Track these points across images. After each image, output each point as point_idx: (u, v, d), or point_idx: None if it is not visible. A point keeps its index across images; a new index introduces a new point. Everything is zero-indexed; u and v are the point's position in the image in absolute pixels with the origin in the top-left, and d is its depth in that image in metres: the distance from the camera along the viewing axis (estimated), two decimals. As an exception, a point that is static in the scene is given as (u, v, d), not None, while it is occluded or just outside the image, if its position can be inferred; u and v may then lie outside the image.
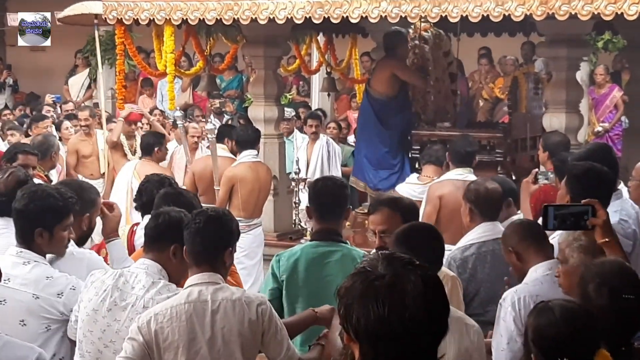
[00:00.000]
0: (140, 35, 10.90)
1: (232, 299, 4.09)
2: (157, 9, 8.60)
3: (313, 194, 5.55)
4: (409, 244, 4.21)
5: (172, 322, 4.01)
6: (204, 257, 4.17)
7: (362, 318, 2.31)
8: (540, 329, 3.62)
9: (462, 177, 7.63)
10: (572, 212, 4.26)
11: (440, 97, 10.08)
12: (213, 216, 4.28)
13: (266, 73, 9.73)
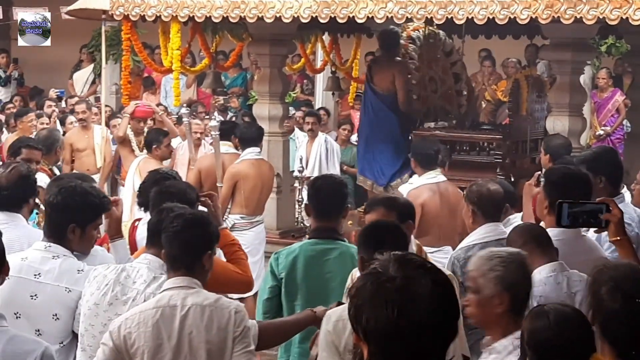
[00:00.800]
0: (146, 31, 10.92)
1: (203, 304, 4.01)
2: (164, 6, 8.64)
3: (312, 192, 5.57)
4: (373, 240, 4.24)
5: (139, 327, 3.96)
6: (181, 261, 4.10)
7: (372, 319, 2.32)
8: (535, 332, 3.64)
9: (435, 180, 7.78)
10: (585, 210, 4.30)
11: (435, 98, 10.04)
12: (191, 219, 4.21)
13: (271, 71, 9.77)
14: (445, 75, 9.97)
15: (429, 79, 9.95)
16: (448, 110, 10.07)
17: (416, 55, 9.89)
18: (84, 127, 11.28)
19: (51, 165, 8.50)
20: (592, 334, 3.51)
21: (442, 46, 10.03)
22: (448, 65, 9.99)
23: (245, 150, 8.87)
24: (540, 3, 7.17)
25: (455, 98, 9.89)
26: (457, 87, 9.87)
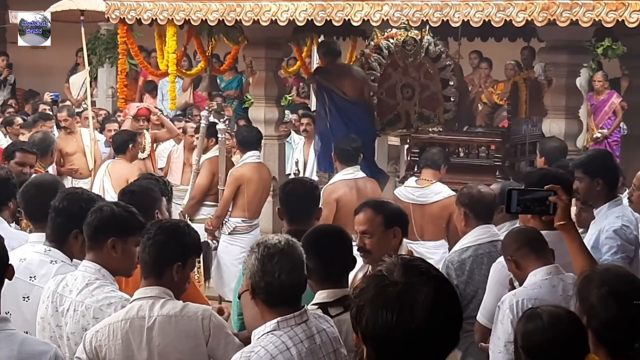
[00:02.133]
0: (141, 34, 10.93)
1: (169, 314, 3.96)
2: (160, 9, 8.63)
3: (283, 196, 5.57)
4: (316, 246, 4.21)
5: (109, 339, 3.92)
6: (151, 270, 4.06)
7: (371, 322, 2.32)
8: (528, 335, 3.65)
9: (352, 176, 8.01)
10: (535, 197, 4.39)
11: (408, 104, 10.02)
12: (167, 228, 4.15)
13: (267, 74, 9.77)
14: (430, 81, 9.94)
15: (401, 86, 9.94)
16: (428, 116, 10.02)
17: (378, 65, 9.91)
18: (69, 133, 11.23)
19: (47, 167, 8.49)
20: (586, 334, 3.50)
21: (425, 52, 9.94)
22: (435, 71, 9.95)
23: (246, 154, 8.83)
24: (536, 6, 7.17)
25: (442, 103, 9.86)
26: (445, 92, 9.84)
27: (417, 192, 8.00)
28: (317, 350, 3.72)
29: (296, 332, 3.67)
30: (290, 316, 3.68)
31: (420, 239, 8.00)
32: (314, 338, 3.72)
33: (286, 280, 3.69)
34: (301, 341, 3.66)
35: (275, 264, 3.70)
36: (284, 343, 3.63)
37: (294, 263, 3.74)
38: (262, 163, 9.02)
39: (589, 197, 5.66)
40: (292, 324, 3.68)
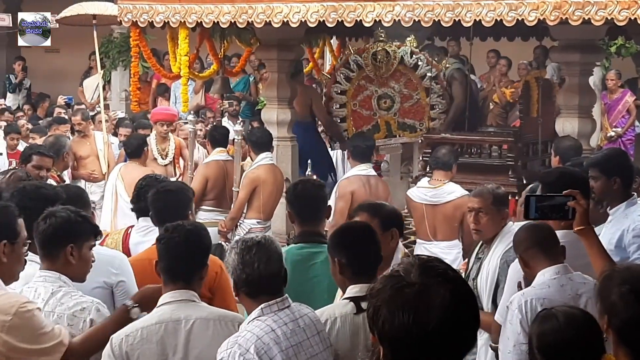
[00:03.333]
0: (154, 37, 10.95)
1: (207, 318, 4.01)
2: (172, 12, 8.65)
3: (293, 198, 5.57)
4: (346, 242, 4.30)
5: (143, 344, 3.91)
6: (181, 274, 4.07)
7: (387, 323, 2.31)
8: (544, 335, 3.63)
9: (366, 173, 8.17)
10: (553, 204, 4.38)
11: (387, 115, 10.02)
12: (191, 231, 4.20)
13: (279, 76, 9.78)
14: (413, 91, 9.95)
15: (378, 97, 9.98)
16: (413, 125, 10.03)
17: (345, 79, 10.02)
18: (82, 136, 11.26)
19: (59, 171, 8.51)
20: (601, 335, 3.49)
21: (399, 62, 9.93)
22: (418, 80, 9.96)
23: (260, 156, 8.82)
24: (548, 5, 7.16)
25: (427, 112, 9.86)
26: (429, 100, 9.84)
27: (429, 192, 8.00)
28: (301, 332, 3.88)
29: (280, 317, 3.86)
30: (272, 302, 3.87)
31: (434, 239, 8.00)
32: (297, 322, 3.90)
33: (265, 270, 3.89)
34: (285, 324, 3.85)
35: (254, 255, 3.89)
36: (269, 326, 3.81)
37: (271, 254, 3.94)
38: (275, 165, 9.03)
39: (606, 196, 5.64)
40: (276, 309, 3.87)
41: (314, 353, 3.91)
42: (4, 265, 3.92)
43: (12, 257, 3.96)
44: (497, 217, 5.71)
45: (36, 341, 3.81)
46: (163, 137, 10.35)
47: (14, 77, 18.46)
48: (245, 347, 3.71)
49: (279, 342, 3.77)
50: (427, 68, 9.78)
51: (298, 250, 5.32)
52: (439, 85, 9.82)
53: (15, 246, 3.98)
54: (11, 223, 4.00)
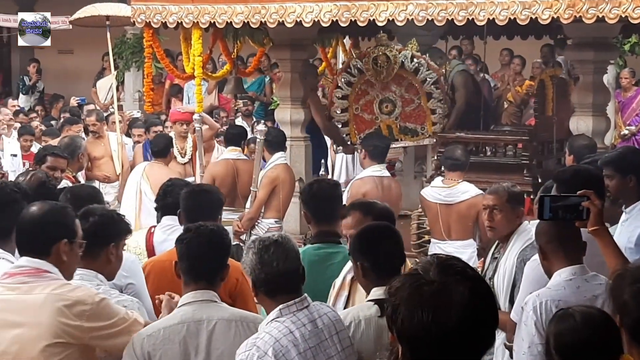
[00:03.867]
0: (167, 38, 10.97)
1: (229, 319, 4.02)
2: (185, 13, 8.65)
3: (309, 198, 5.58)
4: (365, 246, 4.27)
5: (165, 344, 3.92)
6: (203, 274, 4.09)
7: (406, 321, 2.31)
8: (562, 336, 3.61)
9: (380, 174, 8.20)
10: (567, 204, 4.36)
11: (389, 119, 10.02)
12: (212, 231, 4.22)
13: (292, 76, 9.78)
14: (414, 95, 9.94)
15: (380, 101, 9.99)
16: (414, 129, 10.02)
17: (347, 83, 10.01)
18: (97, 137, 11.29)
19: (74, 172, 8.52)
20: (619, 334, 3.48)
21: (400, 66, 9.92)
22: (418, 84, 9.94)
23: (275, 155, 8.82)
24: (562, 3, 7.13)
25: (429, 116, 9.84)
26: (430, 104, 9.82)
27: (443, 191, 7.99)
28: (319, 333, 3.86)
29: (298, 317, 3.84)
30: (291, 303, 3.86)
31: (448, 239, 7.99)
32: (315, 322, 3.88)
33: (283, 268, 3.89)
34: (304, 325, 3.83)
35: (272, 254, 3.89)
36: (287, 327, 3.79)
37: (288, 253, 3.94)
38: (288, 164, 9.03)
39: (621, 194, 5.60)
40: (294, 310, 3.85)
41: (333, 354, 3.91)
42: (64, 263, 4.02)
43: (71, 255, 4.05)
44: (511, 215, 5.69)
45: (115, 324, 3.94)
46: (182, 137, 10.39)
47: (28, 79, 18.53)
48: (264, 349, 3.70)
49: (297, 345, 3.76)
50: (427, 72, 9.77)
51: (315, 251, 5.32)
52: (439, 90, 9.80)
53: (74, 245, 4.06)
54: (70, 223, 4.08)
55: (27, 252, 3.97)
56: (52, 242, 3.96)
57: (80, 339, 3.85)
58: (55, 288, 3.85)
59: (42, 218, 4.02)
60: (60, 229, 4.01)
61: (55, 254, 3.95)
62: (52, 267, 3.93)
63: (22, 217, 4.08)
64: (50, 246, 3.95)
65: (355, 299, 4.87)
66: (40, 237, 3.96)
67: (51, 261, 3.94)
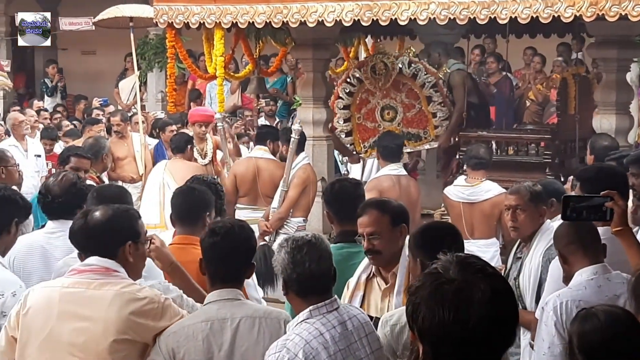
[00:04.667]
0: (190, 38, 11.01)
1: (253, 316, 4.02)
2: (207, 13, 8.68)
3: (331, 198, 5.57)
4: (430, 243, 4.18)
5: (188, 341, 3.93)
6: (227, 273, 4.10)
7: (427, 320, 2.32)
8: (585, 335, 3.59)
9: (396, 172, 8.16)
10: (591, 204, 4.34)
11: (391, 125, 10.02)
12: (237, 229, 4.22)
13: (315, 75, 9.79)
14: (414, 100, 9.93)
15: (381, 109, 9.99)
16: (417, 134, 10.01)
17: (347, 93, 10.07)
18: (120, 137, 11.35)
19: (99, 172, 8.56)
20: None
21: (398, 72, 9.93)
22: (417, 89, 9.94)
23: (301, 155, 8.81)
24: (585, 0, 7.11)
25: (430, 120, 9.83)
26: (430, 108, 9.81)
27: (467, 190, 7.99)
28: (349, 336, 3.85)
29: (328, 319, 3.82)
30: (321, 304, 3.85)
31: (471, 238, 7.97)
32: (345, 324, 3.87)
33: (316, 270, 3.87)
34: (334, 327, 3.81)
35: (305, 255, 3.87)
36: (317, 329, 3.77)
37: (322, 253, 3.91)
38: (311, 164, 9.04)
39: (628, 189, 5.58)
40: (324, 312, 3.84)
41: (362, 356, 3.90)
42: (130, 264, 4.10)
43: (137, 256, 4.14)
44: (534, 214, 5.68)
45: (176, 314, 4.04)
46: (201, 138, 10.41)
47: (50, 81, 18.62)
48: (294, 351, 3.69)
49: (327, 347, 3.75)
50: (425, 76, 9.78)
51: (338, 250, 5.30)
52: (438, 93, 9.80)
53: (139, 245, 4.16)
54: (134, 224, 4.18)
55: (94, 254, 4.08)
56: (118, 245, 4.07)
57: (144, 337, 3.95)
58: (124, 286, 3.96)
59: (107, 222, 4.12)
60: (125, 231, 4.12)
61: (122, 256, 4.07)
62: (120, 267, 4.04)
63: (87, 222, 4.16)
64: (117, 249, 4.06)
65: (370, 299, 4.87)
66: (107, 241, 4.07)
67: (118, 262, 4.05)
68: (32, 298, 4.06)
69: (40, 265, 5.36)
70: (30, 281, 5.03)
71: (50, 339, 3.96)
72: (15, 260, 5.39)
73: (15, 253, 5.41)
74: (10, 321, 4.09)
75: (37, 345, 3.97)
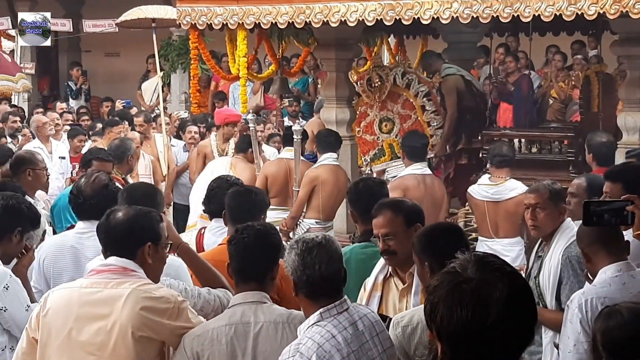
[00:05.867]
0: (213, 39, 11.04)
1: (276, 321, 4.03)
2: (230, 14, 8.70)
3: (355, 197, 5.58)
4: (436, 246, 4.19)
5: (213, 344, 3.96)
6: (252, 274, 4.12)
7: (446, 319, 2.34)
8: (609, 332, 3.60)
9: (421, 172, 8.13)
10: (611, 208, 4.33)
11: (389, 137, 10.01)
12: (262, 231, 4.25)
13: (338, 75, 9.79)
14: (410, 110, 9.92)
15: (379, 121, 10.01)
16: None
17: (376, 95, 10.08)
18: (144, 138, 11.41)
19: (124, 174, 8.61)
20: None
21: (392, 83, 9.92)
22: (413, 99, 9.92)
23: (323, 156, 8.85)
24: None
25: (426, 130, 9.81)
26: (425, 117, 9.80)
27: (491, 189, 7.98)
28: (360, 336, 3.84)
29: (339, 321, 3.82)
30: (331, 306, 3.84)
31: (495, 237, 7.98)
32: (356, 324, 3.86)
33: (326, 272, 3.85)
34: (345, 328, 3.80)
35: (315, 257, 3.86)
36: (329, 332, 3.76)
37: (332, 255, 3.90)
38: (339, 166, 9.01)
39: None
40: (335, 313, 3.83)
41: (375, 355, 3.89)
42: (149, 266, 4.15)
43: (156, 257, 4.19)
44: (554, 213, 5.67)
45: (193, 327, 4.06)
46: (227, 138, 10.48)
47: (74, 84, 18.71)
48: (307, 355, 3.69)
49: (340, 349, 3.74)
50: (418, 86, 9.78)
51: (362, 249, 5.33)
52: (431, 102, 9.80)
53: (159, 247, 4.20)
54: (154, 226, 4.22)
55: (114, 254, 4.13)
56: (138, 246, 4.12)
57: (161, 335, 4.00)
58: (140, 285, 4.00)
59: (128, 222, 4.17)
60: (145, 232, 4.17)
61: (141, 257, 4.11)
62: (139, 268, 4.09)
63: (109, 222, 4.22)
64: (136, 249, 4.11)
65: (388, 299, 4.87)
66: (127, 241, 4.12)
67: (137, 263, 4.10)
68: (52, 299, 4.11)
69: (70, 265, 5.42)
70: (61, 280, 5.09)
71: (69, 339, 4.00)
72: (46, 260, 5.47)
73: (46, 253, 5.50)
74: (31, 323, 4.14)
75: (56, 346, 4.02)
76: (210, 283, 4.66)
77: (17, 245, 5.16)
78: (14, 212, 5.20)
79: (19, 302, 4.91)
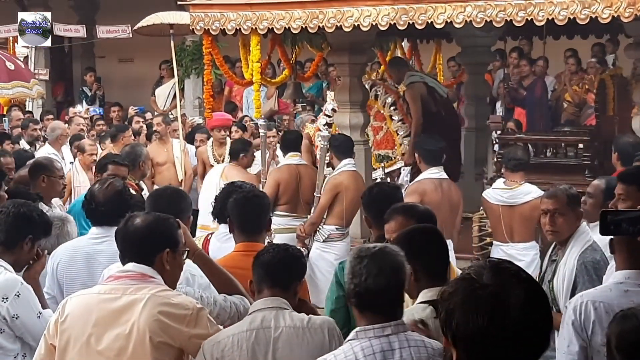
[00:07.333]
0: (226, 44, 11.06)
1: (296, 326, 4.02)
2: (244, 19, 8.70)
3: (370, 201, 5.56)
4: (418, 249, 4.14)
5: (234, 350, 3.96)
6: (279, 280, 4.14)
7: (462, 325, 2.33)
8: (624, 335, 3.57)
9: (438, 176, 8.10)
10: (629, 217, 4.28)
11: None
12: (289, 248, 4.33)
13: (351, 80, 9.77)
14: (381, 121, 10.00)
15: None
16: (388, 155, 10.02)
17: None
18: (161, 141, 11.44)
19: (137, 180, 8.61)
20: None
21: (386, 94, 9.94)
22: (382, 110, 9.93)
23: (343, 162, 8.80)
24: (622, 1, 7.04)
25: (396, 139, 9.82)
26: (393, 127, 9.82)
27: (506, 193, 7.96)
28: None
29: (371, 344, 3.55)
30: (369, 327, 3.58)
31: (510, 241, 7.95)
32: (392, 352, 3.55)
33: (372, 284, 3.60)
34: (373, 353, 3.53)
35: (364, 267, 3.62)
36: (354, 354, 3.53)
37: (382, 268, 3.64)
38: (357, 172, 8.99)
39: None
40: (370, 336, 3.56)
41: None
42: (167, 272, 4.15)
43: (174, 264, 4.19)
44: (572, 218, 5.65)
45: (210, 335, 4.06)
46: (221, 143, 10.52)
47: (89, 89, 18.75)
48: None
49: None
50: (385, 96, 9.81)
51: None
52: (397, 111, 9.81)
53: (177, 254, 4.21)
54: (173, 233, 4.23)
55: (132, 260, 4.14)
56: (155, 252, 4.12)
57: (178, 341, 3.99)
58: (159, 291, 4.01)
59: (146, 228, 4.17)
60: (163, 239, 4.17)
61: (159, 263, 4.11)
62: (157, 274, 4.09)
63: (127, 228, 4.22)
64: (154, 255, 4.12)
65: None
66: (145, 247, 4.13)
67: (155, 269, 4.10)
68: (70, 306, 4.11)
69: (84, 271, 5.43)
70: (74, 286, 5.12)
71: (88, 345, 4.00)
72: (59, 265, 5.47)
73: (59, 258, 5.50)
74: (50, 329, 4.14)
75: (75, 352, 4.02)
76: (227, 289, 4.64)
77: (28, 253, 5.16)
78: (25, 220, 5.18)
79: (30, 309, 4.91)
